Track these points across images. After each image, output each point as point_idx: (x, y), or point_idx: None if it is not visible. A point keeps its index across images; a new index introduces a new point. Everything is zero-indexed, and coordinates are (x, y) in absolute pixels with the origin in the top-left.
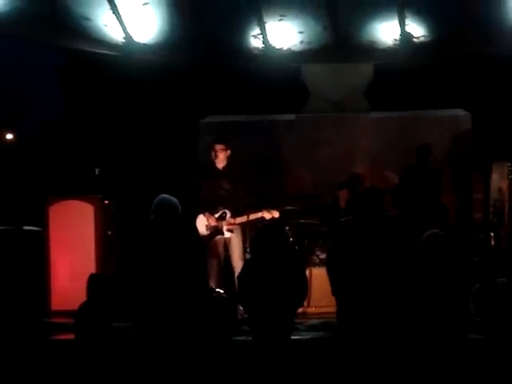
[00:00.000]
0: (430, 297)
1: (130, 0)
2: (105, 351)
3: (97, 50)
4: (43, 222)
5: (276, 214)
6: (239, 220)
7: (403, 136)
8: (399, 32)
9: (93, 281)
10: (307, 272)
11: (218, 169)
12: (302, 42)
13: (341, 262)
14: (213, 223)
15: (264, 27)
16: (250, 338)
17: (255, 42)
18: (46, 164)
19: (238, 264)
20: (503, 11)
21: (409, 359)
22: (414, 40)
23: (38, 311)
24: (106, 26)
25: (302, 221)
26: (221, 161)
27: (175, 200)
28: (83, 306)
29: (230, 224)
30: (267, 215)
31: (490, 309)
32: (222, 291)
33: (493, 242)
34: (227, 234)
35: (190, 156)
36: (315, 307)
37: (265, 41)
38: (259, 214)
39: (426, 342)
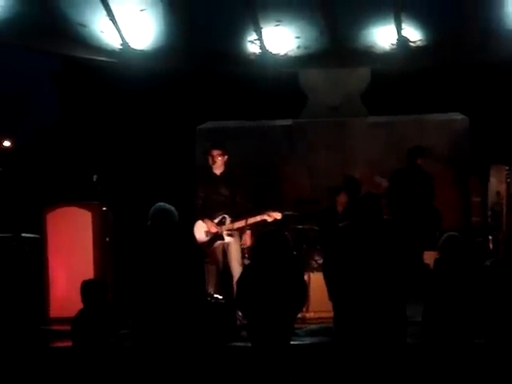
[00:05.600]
0: (445, 301)
1: (127, 6)
2: (101, 358)
3: (93, 57)
4: (41, 229)
5: (278, 216)
6: (239, 224)
7: (401, 140)
8: (396, 36)
9: (86, 287)
10: (306, 277)
11: (215, 174)
12: (298, 47)
13: (337, 266)
14: (213, 229)
15: (261, 32)
16: (249, 344)
17: (252, 47)
18: (44, 171)
19: (236, 270)
20: (500, 16)
21: (407, 364)
22: (411, 44)
23: (37, 318)
24: (103, 32)
25: (300, 226)
26: (218, 166)
27: (171, 207)
28: (79, 313)
29: (231, 229)
30: (268, 218)
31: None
32: (220, 297)
33: (491, 246)
34: (227, 239)
35: (187, 162)
36: (314, 312)
37: (262, 46)
38: (260, 218)
39: (428, 346)
